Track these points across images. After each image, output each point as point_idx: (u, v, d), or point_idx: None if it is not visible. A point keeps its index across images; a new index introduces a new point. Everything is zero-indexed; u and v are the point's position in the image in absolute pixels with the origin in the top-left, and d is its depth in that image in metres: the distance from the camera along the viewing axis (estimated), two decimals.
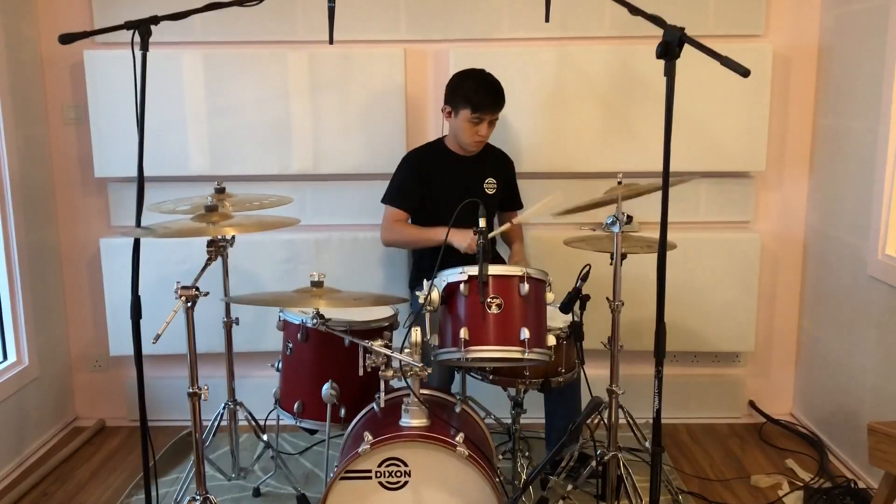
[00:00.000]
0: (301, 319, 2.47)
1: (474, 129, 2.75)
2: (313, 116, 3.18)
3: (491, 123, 2.78)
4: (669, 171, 1.87)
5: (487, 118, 2.74)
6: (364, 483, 2.03)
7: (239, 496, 2.74)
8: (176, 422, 3.32)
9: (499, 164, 2.99)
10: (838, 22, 3.07)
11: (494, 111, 2.76)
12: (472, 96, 2.72)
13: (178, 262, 3.13)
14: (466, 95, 2.73)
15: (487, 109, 2.73)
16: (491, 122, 2.78)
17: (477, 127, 2.75)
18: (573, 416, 2.64)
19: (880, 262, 2.75)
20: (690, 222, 3.27)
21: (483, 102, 2.72)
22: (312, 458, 3.05)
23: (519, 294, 2.18)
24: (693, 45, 1.81)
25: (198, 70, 3.13)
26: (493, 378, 2.49)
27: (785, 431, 3.32)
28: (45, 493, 2.83)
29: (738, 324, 3.29)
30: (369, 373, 2.22)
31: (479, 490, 2.02)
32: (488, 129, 2.79)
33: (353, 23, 3.11)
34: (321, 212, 3.29)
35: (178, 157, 3.18)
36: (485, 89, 2.74)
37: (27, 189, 3.10)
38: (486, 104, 2.72)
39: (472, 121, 2.73)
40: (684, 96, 2.88)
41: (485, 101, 2.72)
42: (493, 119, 2.78)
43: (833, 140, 3.12)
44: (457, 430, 2.08)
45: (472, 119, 2.73)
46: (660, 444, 2.00)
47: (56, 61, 3.21)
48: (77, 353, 3.44)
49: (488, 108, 2.73)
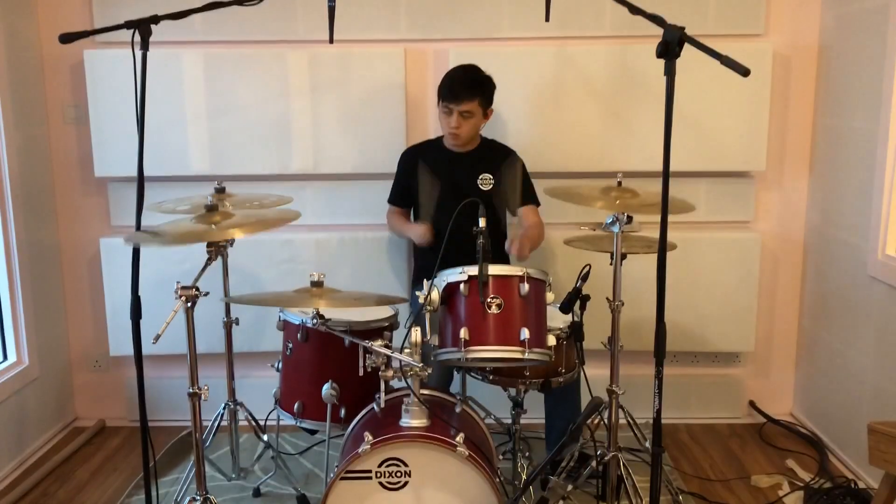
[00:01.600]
0: (301, 320, 2.47)
1: (447, 120, 2.79)
2: (313, 116, 3.18)
3: (462, 115, 2.76)
4: (669, 170, 1.87)
5: (454, 108, 2.76)
6: (364, 483, 2.03)
7: (239, 496, 2.74)
8: (176, 422, 3.32)
9: (497, 160, 2.93)
10: (838, 21, 3.07)
11: (456, 102, 2.75)
12: (442, 86, 2.79)
13: (178, 261, 3.13)
14: (440, 88, 2.80)
15: (450, 100, 2.76)
16: (461, 113, 2.76)
17: (448, 118, 2.78)
18: (573, 417, 2.63)
19: (880, 261, 2.75)
20: (690, 222, 3.27)
21: (447, 92, 2.77)
22: (312, 458, 3.05)
23: (519, 294, 2.18)
24: (693, 45, 1.81)
25: (198, 69, 3.13)
26: (493, 378, 2.49)
27: (785, 431, 3.32)
28: (45, 494, 2.83)
29: (738, 323, 3.29)
30: (369, 373, 2.22)
31: (480, 490, 2.02)
32: (459, 120, 2.77)
33: (353, 22, 3.12)
34: (321, 211, 3.29)
35: (178, 156, 3.18)
36: (449, 80, 2.79)
37: (27, 189, 3.10)
38: (448, 94, 2.77)
39: (443, 111, 2.79)
40: (684, 96, 2.88)
41: (449, 90, 2.76)
42: (463, 111, 2.75)
43: (833, 140, 3.12)
44: (457, 431, 2.08)
45: (443, 109, 2.79)
46: (660, 445, 2.00)
47: (56, 61, 3.21)
48: (77, 354, 3.44)
49: (451, 99, 2.76)
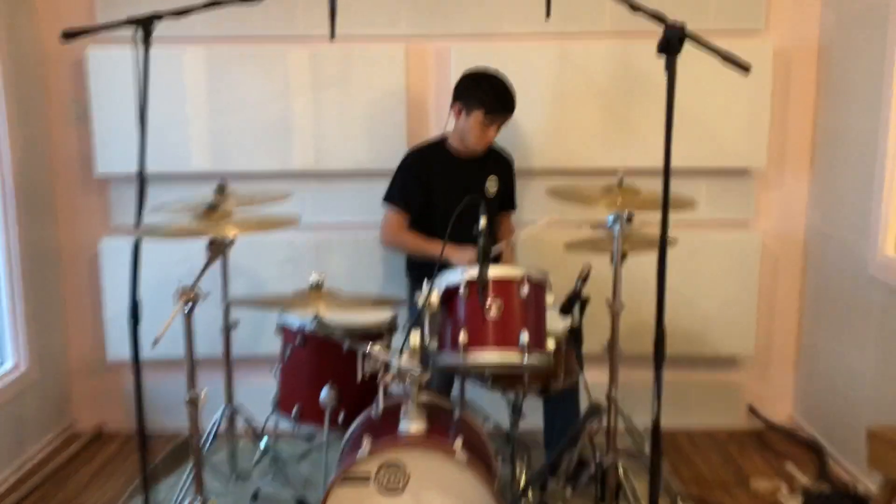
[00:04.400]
0: (299, 324, 2.46)
1: (484, 131, 2.75)
2: (314, 113, 3.17)
3: (499, 127, 2.79)
4: (670, 167, 1.86)
5: (499, 122, 2.75)
6: (362, 488, 2.02)
7: (237, 501, 2.73)
8: (174, 426, 3.30)
9: (500, 164, 2.97)
10: (839, 18, 3.07)
11: (507, 117, 2.76)
12: (487, 100, 2.71)
13: (178, 261, 3.10)
14: (482, 98, 2.71)
15: (501, 114, 2.74)
16: (500, 124, 2.78)
17: (487, 130, 2.75)
18: (572, 421, 2.62)
19: (881, 261, 2.75)
20: (691, 220, 3.25)
21: (498, 108, 2.72)
22: (311, 462, 3.03)
23: (519, 296, 2.17)
24: (694, 42, 1.80)
25: (199, 67, 3.13)
26: (492, 382, 2.48)
27: (784, 435, 3.31)
28: (43, 498, 2.82)
29: (737, 325, 3.28)
30: (368, 377, 2.21)
31: (478, 495, 2.00)
32: (497, 132, 2.79)
33: (354, 18, 3.11)
34: (322, 211, 3.28)
35: (180, 153, 3.18)
36: (502, 95, 2.73)
37: (27, 188, 3.09)
38: (500, 110, 2.73)
39: (484, 123, 2.73)
40: (685, 93, 2.84)
41: (500, 106, 2.72)
42: (504, 122, 2.79)
43: (834, 138, 3.11)
44: (455, 435, 2.07)
45: (484, 122, 2.73)
46: (659, 450, 1.99)
47: (58, 59, 3.20)
48: (76, 357, 3.42)
49: (502, 113, 2.74)
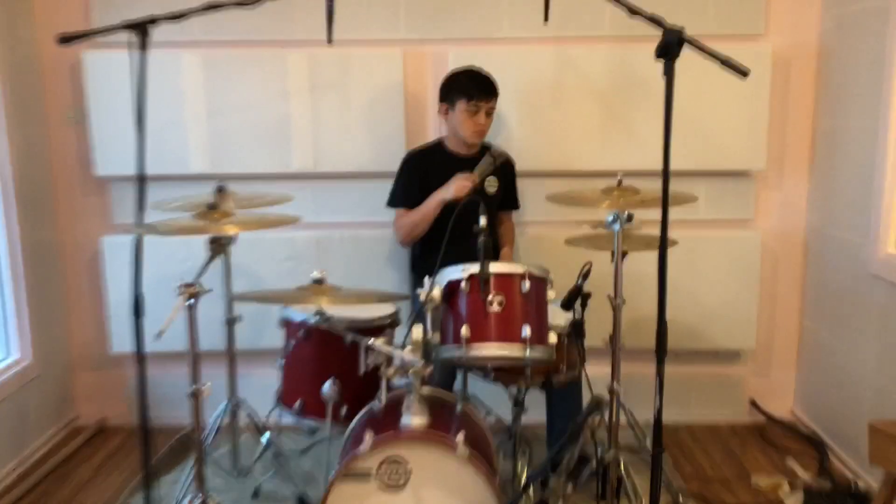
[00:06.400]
0: (302, 317, 2.47)
1: (473, 119, 2.77)
2: (313, 116, 3.18)
3: (488, 114, 2.80)
4: (669, 169, 1.86)
5: (484, 106, 2.76)
6: (364, 483, 2.03)
7: (239, 496, 2.74)
8: (177, 420, 3.31)
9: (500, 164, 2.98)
10: (838, 22, 3.06)
11: (489, 98, 2.78)
12: (465, 87, 2.76)
13: (179, 260, 3.13)
14: (460, 87, 2.77)
15: (482, 96, 2.76)
16: (488, 111, 2.79)
17: (475, 117, 2.77)
18: (574, 415, 2.63)
19: (881, 260, 2.75)
20: (691, 221, 3.27)
21: (477, 91, 2.75)
22: (313, 457, 3.04)
23: (520, 292, 2.18)
24: (692, 46, 1.80)
25: (197, 70, 3.13)
26: (495, 376, 2.49)
27: (786, 430, 3.32)
28: (46, 493, 2.83)
29: (739, 322, 3.29)
30: (370, 371, 2.22)
31: (480, 490, 2.01)
32: (486, 119, 2.80)
33: (352, 22, 3.12)
34: (322, 211, 3.29)
35: (178, 157, 3.18)
36: (478, 79, 2.78)
37: (28, 188, 3.09)
38: (479, 91, 2.76)
39: (470, 110, 2.76)
40: (684, 96, 2.88)
41: (478, 88, 2.76)
42: (490, 108, 2.79)
43: (833, 139, 3.11)
44: (457, 430, 2.08)
45: (469, 108, 2.76)
46: (660, 445, 1.99)
47: (55, 62, 3.20)
48: (78, 351, 3.43)
49: (483, 95, 2.76)
